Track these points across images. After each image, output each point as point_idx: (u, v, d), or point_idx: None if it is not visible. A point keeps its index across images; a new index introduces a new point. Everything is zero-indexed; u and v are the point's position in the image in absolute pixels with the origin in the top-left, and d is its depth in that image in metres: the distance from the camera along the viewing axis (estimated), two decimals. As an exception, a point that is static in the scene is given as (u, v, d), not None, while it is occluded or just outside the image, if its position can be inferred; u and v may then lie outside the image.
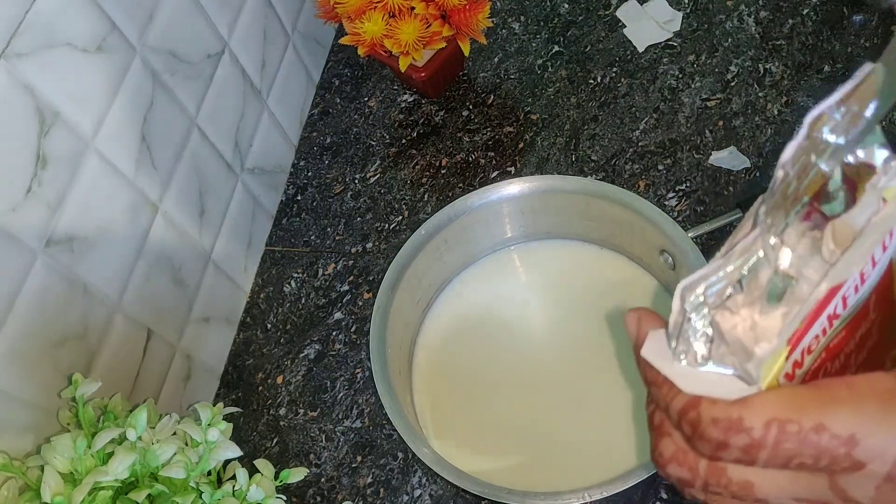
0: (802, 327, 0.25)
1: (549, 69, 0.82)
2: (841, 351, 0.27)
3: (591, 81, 0.80)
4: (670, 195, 0.70)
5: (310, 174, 0.81)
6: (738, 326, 0.25)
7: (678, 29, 0.81)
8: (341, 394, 0.67)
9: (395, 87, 0.85)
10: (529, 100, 0.80)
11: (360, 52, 0.73)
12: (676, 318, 0.26)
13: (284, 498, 0.50)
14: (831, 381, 0.25)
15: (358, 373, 0.68)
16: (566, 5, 0.86)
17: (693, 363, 0.26)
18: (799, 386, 0.25)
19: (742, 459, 0.25)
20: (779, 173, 0.25)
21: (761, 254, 0.25)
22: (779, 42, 0.77)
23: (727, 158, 0.71)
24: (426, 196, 0.76)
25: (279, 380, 0.69)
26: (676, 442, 0.27)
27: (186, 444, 0.47)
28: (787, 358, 0.25)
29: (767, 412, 0.24)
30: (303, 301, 0.73)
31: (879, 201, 0.24)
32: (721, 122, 0.74)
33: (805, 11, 0.79)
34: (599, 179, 0.72)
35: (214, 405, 0.49)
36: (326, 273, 0.74)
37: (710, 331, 0.26)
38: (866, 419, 0.23)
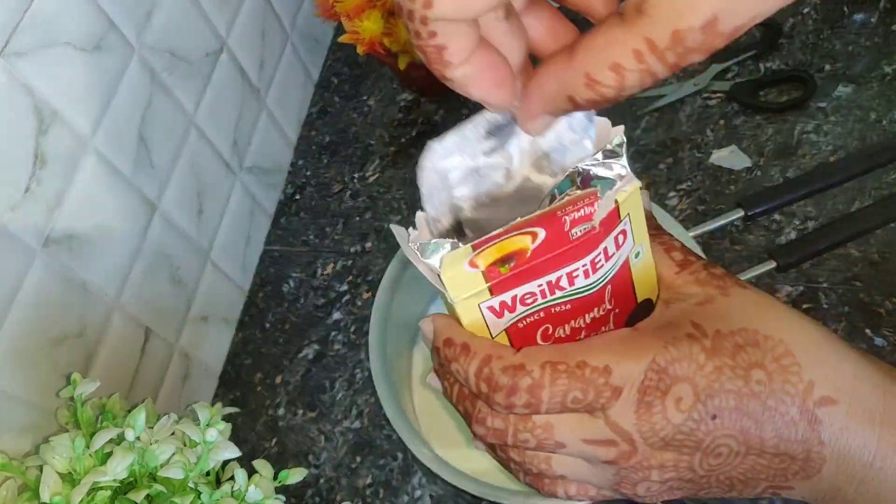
0: (508, 277, 0.30)
1: (549, 68, 0.81)
2: (567, 322, 0.33)
3: (591, 80, 0.79)
4: (671, 194, 0.70)
5: (308, 173, 0.81)
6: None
7: (678, 28, 0.81)
8: (340, 394, 0.67)
9: (395, 86, 0.84)
10: (529, 99, 0.80)
11: (359, 50, 0.72)
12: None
13: (283, 498, 0.50)
14: (590, 337, 0.32)
15: (357, 373, 0.67)
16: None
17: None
18: (563, 344, 0.32)
19: (530, 403, 0.30)
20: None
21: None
22: (779, 41, 0.77)
23: (728, 157, 0.71)
24: (425, 195, 0.76)
25: (278, 380, 0.69)
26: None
27: (185, 445, 0.47)
28: (492, 293, 0.31)
29: (542, 357, 0.30)
30: (301, 301, 0.72)
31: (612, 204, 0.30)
32: (722, 121, 0.74)
33: (805, 10, 0.79)
34: (599, 179, 0.72)
35: (213, 405, 0.49)
36: (325, 273, 0.74)
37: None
38: (614, 339, 0.31)
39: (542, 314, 0.32)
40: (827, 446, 0.29)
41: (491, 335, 0.33)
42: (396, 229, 0.32)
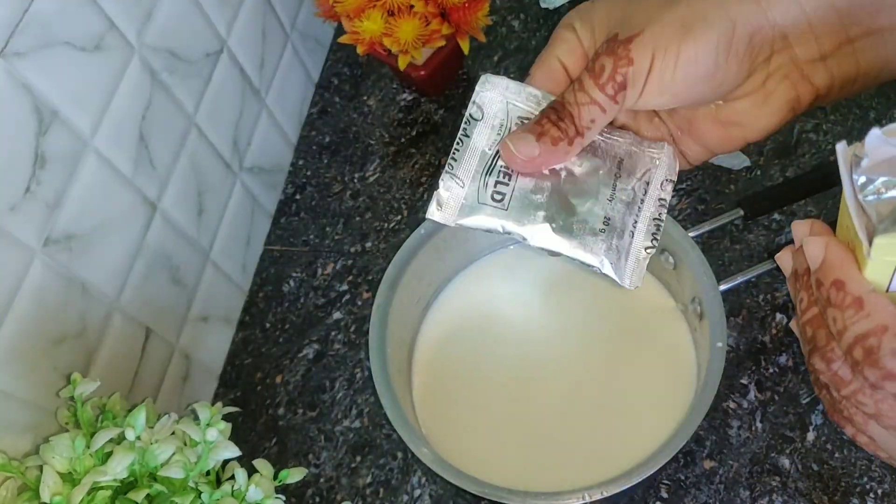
0: None
1: (549, 68, 0.81)
2: None
3: (591, 80, 0.79)
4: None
5: (309, 173, 0.81)
6: None
7: (678, 28, 0.81)
8: (340, 394, 0.67)
9: (395, 86, 0.84)
10: (529, 99, 0.80)
11: (360, 50, 0.73)
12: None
13: (283, 498, 0.50)
14: None
15: (357, 373, 0.67)
16: (566, 4, 0.86)
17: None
18: None
19: None
20: None
21: None
22: (779, 41, 0.77)
23: (728, 157, 0.71)
24: (425, 195, 0.76)
25: (278, 379, 0.69)
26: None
27: (185, 444, 0.47)
28: None
29: None
30: (301, 301, 0.72)
31: None
32: (721, 121, 0.74)
33: (805, 10, 0.79)
34: (599, 178, 0.72)
35: (213, 405, 0.49)
36: (325, 273, 0.74)
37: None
38: None
39: None
40: None
41: (887, 290, 0.28)
42: (840, 149, 0.28)
